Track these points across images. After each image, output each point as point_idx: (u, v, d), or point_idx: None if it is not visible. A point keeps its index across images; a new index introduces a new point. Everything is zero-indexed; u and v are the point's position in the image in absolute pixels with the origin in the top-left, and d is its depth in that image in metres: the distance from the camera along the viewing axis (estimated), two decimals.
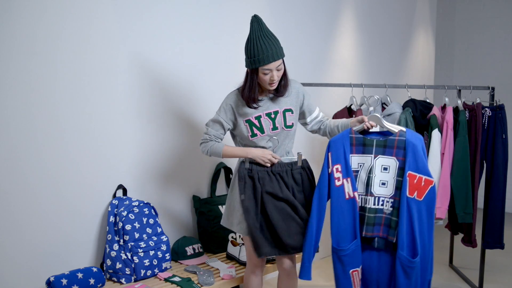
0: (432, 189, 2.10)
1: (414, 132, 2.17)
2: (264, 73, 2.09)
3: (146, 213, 2.47)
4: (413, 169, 2.10)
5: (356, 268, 2.20)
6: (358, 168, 2.19)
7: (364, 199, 2.20)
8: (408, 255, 2.10)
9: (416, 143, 2.11)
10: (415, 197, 2.10)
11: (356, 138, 2.19)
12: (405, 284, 2.11)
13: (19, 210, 2.14)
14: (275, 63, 2.08)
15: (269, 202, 2.16)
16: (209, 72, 2.93)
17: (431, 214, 2.11)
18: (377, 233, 2.18)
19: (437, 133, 2.85)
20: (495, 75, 5.57)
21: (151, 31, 2.60)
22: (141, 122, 2.60)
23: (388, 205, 2.16)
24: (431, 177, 2.11)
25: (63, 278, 2.11)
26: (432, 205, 2.10)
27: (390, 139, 2.15)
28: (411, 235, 2.10)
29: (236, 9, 3.05)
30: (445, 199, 2.84)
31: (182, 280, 2.35)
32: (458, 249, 3.78)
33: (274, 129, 2.21)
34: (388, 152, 2.15)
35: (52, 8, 2.19)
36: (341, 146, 2.18)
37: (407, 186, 2.09)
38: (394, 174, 2.15)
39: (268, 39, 2.07)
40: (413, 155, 2.11)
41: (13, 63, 2.08)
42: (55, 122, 2.24)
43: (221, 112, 2.24)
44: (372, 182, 2.16)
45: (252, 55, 2.08)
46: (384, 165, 2.16)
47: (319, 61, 3.69)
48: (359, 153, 2.19)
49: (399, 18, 4.72)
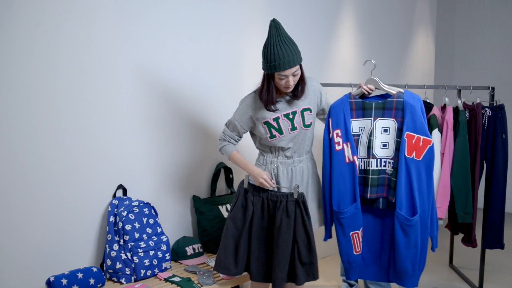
0: (431, 149, 2.13)
1: (412, 93, 2.19)
2: (280, 78, 2.11)
3: (146, 213, 2.47)
4: (411, 130, 2.12)
5: (356, 231, 2.23)
6: (359, 132, 2.22)
7: (367, 162, 2.23)
8: (407, 213, 2.14)
9: (414, 104, 2.14)
10: (413, 157, 2.13)
11: (356, 102, 2.22)
12: (404, 242, 2.15)
13: (19, 210, 2.14)
14: (291, 69, 2.08)
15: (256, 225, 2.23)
16: (210, 72, 2.93)
17: (430, 173, 2.15)
18: (381, 193, 2.22)
19: (437, 133, 2.86)
20: (495, 75, 5.57)
21: (151, 31, 2.60)
22: (141, 122, 2.60)
23: (390, 166, 2.20)
24: (430, 137, 2.13)
25: (63, 278, 2.11)
26: (430, 164, 2.14)
27: (388, 101, 2.18)
28: (410, 194, 2.14)
29: (236, 9, 3.05)
30: (445, 199, 2.84)
31: (182, 280, 2.35)
32: (458, 249, 3.78)
33: (293, 129, 2.22)
34: (387, 114, 2.18)
35: (52, 8, 2.19)
36: (341, 111, 2.21)
37: (405, 146, 2.13)
38: (394, 135, 2.18)
39: (285, 44, 2.07)
40: (411, 116, 2.13)
41: (13, 63, 2.08)
42: (55, 122, 2.24)
43: (237, 115, 2.29)
44: (373, 145, 2.20)
45: (269, 60, 2.08)
46: (384, 126, 2.20)
47: (319, 61, 3.69)
48: (359, 117, 2.22)
49: (399, 18, 4.72)
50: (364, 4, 4.19)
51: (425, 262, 2.23)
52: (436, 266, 3.71)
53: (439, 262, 3.79)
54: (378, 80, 2.22)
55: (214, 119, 2.97)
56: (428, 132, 2.13)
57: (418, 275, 2.22)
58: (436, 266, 3.70)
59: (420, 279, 3.38)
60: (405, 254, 2.16)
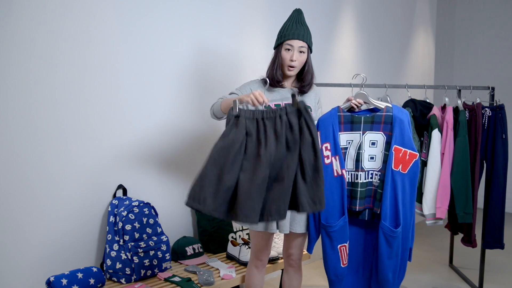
0: (416, 163, 2.18)
1: (400, 108, 2.24)
2: (286, 49, 2.13)
3: (146, 213, 2.47)
4: (399, 143, 2.17)
5: (344, 243, 2.25)
6: (347, 145, 2.25)
7: (355, 175, 2.25)
8: (391, 225, 2.17)
9: (403, 118, 2.19)
10: (399, 170, 2.18)
11: (344, 116, 2.25)
12: (387, 252, 2.19)
13: (19, 210, 2.14)
14: (299, 42, 2.12)
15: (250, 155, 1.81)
16: (210, 72, 2.93)
17: (413, 186, 2.20)
18: (367, 205, 2.26)
19: (437, 133, 2.86)
20: (495, 75, 5.57)
21: (150, 31, 2.60)
22: (141, 122, 2.60)
23: (377, 178, 2.23)
24: (416, 151, 2.18)
25: (63, 278, 2.11)
26: (415, 178, 2.19)
27: (377, 115, 2.22)
28: (395, 206, 2.18)
29: (236, 9, 3.05)
30: (445, 199, 2.84)
31: (182, 280, 2.35)
32: (458, 249, 3.78)
33: None
34: (375, 127, 2.22)
35: (52, 8, 2.19)
36: (330, 124, 2.23)
37: (393, 159, 2.17)
38: (382, 148, 2.22)
39: (301, 24, 2.15)
40: (399, 129, 2.17)
41: (13, 63, 2.08)
42: (55, 122, 2.24)
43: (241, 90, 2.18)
44: (362, 158, 2.23)
45: (281, 32, 2.15)
46: (372, 140, 2.23)
47: (319, 61, 3.69)
48: (347, 130, 2.25)
49: (399, 18, 4.72)
50: (364, 4, 4.20)
51: (405, 271, 2.27)
52: (436, 266, 3.72)
53: (439, 262, 3.79)
54: (367, 94, 2.26)
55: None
56: (414, 147, 2.18)
57: (398, 284, 2.27)
58: (436, 266, 3.70)
59: (420, 279, 3.39)
60: (387, 264, 2.20)
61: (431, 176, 2.86)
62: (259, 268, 2.33)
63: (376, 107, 2.25)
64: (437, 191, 2.85)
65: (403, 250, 2.22)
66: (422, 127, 2.94)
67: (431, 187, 2.86)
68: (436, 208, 2.85)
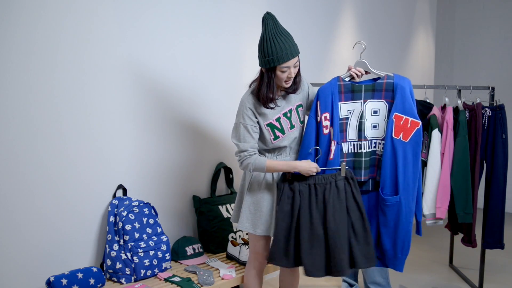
0: (418, 131, 2.12)
1: (401, 76, 2.19)
2: (282, 71, 2.05)
3: (146, 213, 2.47)
4: (400, 111, 2.12)
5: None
6: (348, 115, 2.21)
7: (358, 145, 2.21)
8: (388, 194, 2.15)
9: (404, 85, 2.14)
10: (400, 138, 2.13)
11: (345, 85, 2.21)
12: (383, 220, 2.19)
13: (19, 210, 2.14)
14: (293, 60, 2.05)
15: (304, 218, 2.12)
16: (210, 71, 2.93)
17: (417, 155, 2.14)
18: (371, 174, 2.22)
19: (437, 133, 2.86)
20: (495, 75, 5.57)
21: (149, 31, 2.60)
22: (141, 122, 2.60)
23: (380, 147, 2.19)
24: (418, 119, 2.12)
25: (63, 278, 2.11)
26: (418, 147, 2.13)
27: (378, 83, 2.18)
28: (394, 176, 2.14)
29: (236, 9, 3.05)
30: (445, 199, 2.84)
31: (182, 280, 2.35)
32: (458, 249, 3.78)
33: (292, 127, 2.21)
34: (377, 95, 2.18)
35: (52, 8, 2.19)
36: (330, 94, 2.20)
37: (393, 127, 2.12)
38: (385, 116, 2.18)
39: (284, 36, 2.03)
40: (401, 97, 2.13)
41: (13, 63, 2.08)
42: (55, 122, 2.24)
43: (245, 119, 2.12)
44: (364, 127, 2.19)
45: (269, 54, 2.02)
46: (374, 108, 2.19)
47: (319, 61, 3.69)
48: (348, 100, 2.21)
49: (399, 18, 4.72)
50: (364, 4, 4.20)
51: (409, 247, 2.21)
52: (436, 266, 3.71)
53: (439, 262, 3.79)
54: (367, 63, 2.21)
55: (214, 119, 2.97)
56: (416, 114, 2.11)
57: (402, 259, 2.21)
58: (436, 266, 3.70)
59: (420, 279, 3.39)
60: (383, 232, 2.19)
61: (431, 176, 2.86)
62: (257, 269, 2.33)
63: (377, 75, 2.20)
64: (437, 191, 2.84)
65: (407, 223, 2.15)
66: (422, 127, 2.93)
67: (431, 187, 2.86)
68: (436, 208, 2.85)
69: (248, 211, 2.23)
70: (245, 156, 2.12)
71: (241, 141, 2.12)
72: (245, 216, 2.23)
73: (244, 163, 2.12)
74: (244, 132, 2.12)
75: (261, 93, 2.09)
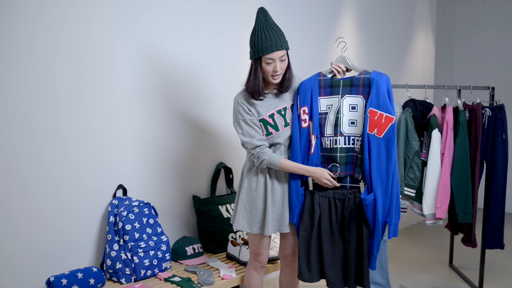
0: (392, 127, 2.08)
1: (380, 72, 2.16)
2: (267, 63, 2.08)
3: (146, 213, 2.47)
4: (374, 106, 2.10)
5: None
6: (327, 110, 2.20)
7: (334, 140, 2.19)
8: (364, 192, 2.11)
9: (380, 80, 2.11)
10: (375, 134, 2.10)
11: (324, 80, 2.22)
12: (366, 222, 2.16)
13: (19, 210, 2.14)
14: (279, 53, 2.06)
15: (325, 230, 2.18)
16: (210, 71, 2.93)
17: (390, 151, 2.08)
18: (349, 172, 2.20)
19: (437, 133, 2.86)
20: (495, 75, 5.57)
21: (151, 28, 2.60)
22: (141, 122, 2.60)
23: (358, 144, 2.16)
24: (393, 114, 2.08)
25: (63, 278, 2.11)
26: (391, 143, 2.08)
27: (355, 78, 2.17)
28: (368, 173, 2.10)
29: (236, 9, 3.05)
30: (445, 199, 2.84)
31: (182, 280, 2.36)
32: (458, 249, 3.79)
33: (286, 125, 2.22)
34: (354, 91, 2.16)
35: (52, 7, 2.19)
36: (309, 89, 2.21)
37: (368, 122, 2.10)
38: (362, 112, 2.15)
39: (273, 30, 2.06)
40: (376, 91, 2.10)
41: (13, 63, 2.08)
42: (55, 122, 2.24)
43: (242, 114, 2.17)
44: (340, 122, 2.17)
45: (256, 44, 2.07)
46: (352, 104, 2.17)
47: (319, 61, 3.69)
48: (327, 95, 2.21)
49: (399, 18, 4.72)
50: (364, 4, 4.20)
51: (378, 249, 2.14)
52: (436, 266, 3.72)
53: (439, 262, 3.79)
54: (347, 59, 2.21)
55: (214, 118, 2.97)
56: (391, 110, 2.08)
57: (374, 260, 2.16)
58: (436, 266, 3.70)
59: (420, 279, 3.39)
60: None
61: (431, 176, 2.86)
62: (257, 270, 2.33)
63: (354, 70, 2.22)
64: (437, 191, 2.85)
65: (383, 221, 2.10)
66: (422, 127, 2.94)
67: (431, 187, 2.86)
68: (436, 208, 2.85)
69: (244, 210, 2.24)
70: (258, 152, 2.15)
71: (248, 136, 2.16)
72: (241, 215, 2.24)
73: (259, 159, 2.15)
74: (247, 127, 2.16)
75: (250, 84, 2.14)
